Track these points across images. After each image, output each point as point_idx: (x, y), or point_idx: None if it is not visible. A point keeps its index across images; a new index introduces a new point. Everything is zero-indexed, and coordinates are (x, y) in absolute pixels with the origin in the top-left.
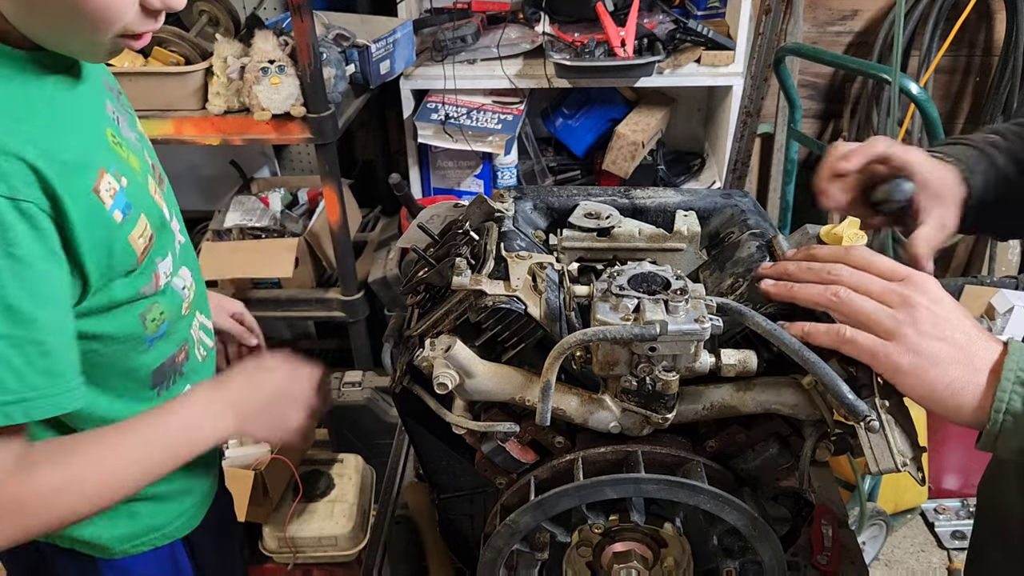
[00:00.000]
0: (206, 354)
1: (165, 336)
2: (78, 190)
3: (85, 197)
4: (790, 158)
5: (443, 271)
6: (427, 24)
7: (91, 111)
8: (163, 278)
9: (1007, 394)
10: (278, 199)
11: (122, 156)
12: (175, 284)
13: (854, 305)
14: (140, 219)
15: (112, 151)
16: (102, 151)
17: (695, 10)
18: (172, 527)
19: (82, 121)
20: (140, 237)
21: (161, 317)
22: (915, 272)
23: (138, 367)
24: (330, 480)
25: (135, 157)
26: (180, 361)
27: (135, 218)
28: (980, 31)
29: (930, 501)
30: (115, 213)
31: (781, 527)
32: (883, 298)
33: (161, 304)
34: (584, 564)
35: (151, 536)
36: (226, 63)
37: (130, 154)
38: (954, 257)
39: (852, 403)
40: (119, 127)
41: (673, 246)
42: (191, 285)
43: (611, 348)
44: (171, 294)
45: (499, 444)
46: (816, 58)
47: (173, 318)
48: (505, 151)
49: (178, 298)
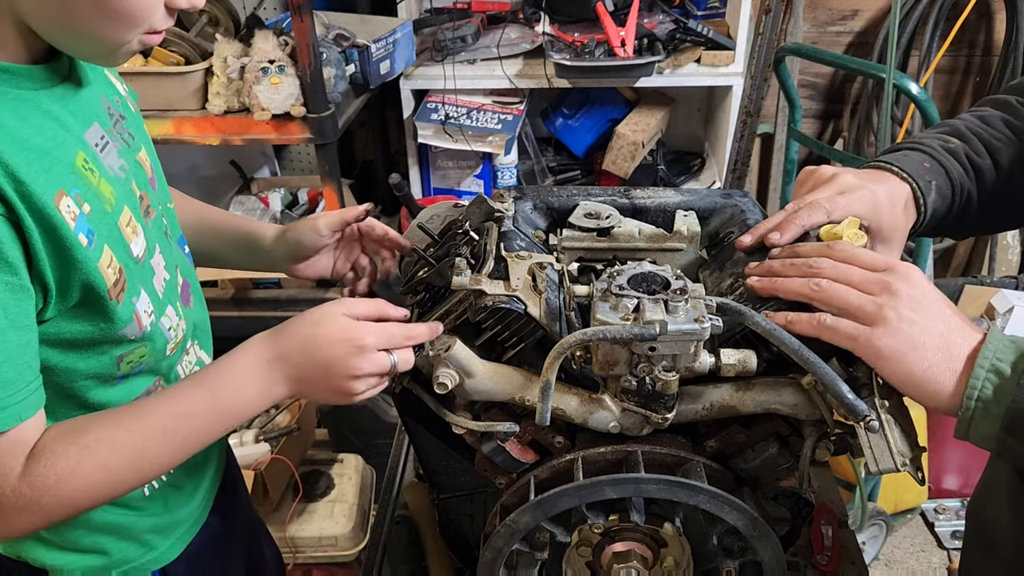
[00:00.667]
0: None
1: (142, 373)
2: (33, 200)
3: (42, 208)
4: (790, 158)
5: (443, 271)
6: (427, 24)
7: (67, 125)
8: (146, 319)
9: (980, 381)
10: (278, 199)
11: (91, 182)
12: (162, 324)
13: (834, 294)
14: (105, 251)
15: (78, 174)
16: (66, 170)
17: (695, 10)
18: (145, 559)
19: (51, 134)
20: (109, 267)
21: (140, 360)
22: (898, 262)
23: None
24: (330, 480)
25: (111, 187)
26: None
27: (99, 247)
28: (980, 31)
29: (930, 501)
30: (80, 235)
31: (781, 527)
32: (864, 287)
33: (145, 348)
34: (584, 564)
35: (121, 570)
36: (226, 63)
37: (103, 182)
38: (954, 257)
39: (852, 403)
40: (98, 153)
41: (673, 246)
42: (178, 324)
43: (611, 348)
44: (157, 337)
45: (499, 444)
46: (816, 58)
47: (156, 359)
48: (505, 151)
49: (163, 340)
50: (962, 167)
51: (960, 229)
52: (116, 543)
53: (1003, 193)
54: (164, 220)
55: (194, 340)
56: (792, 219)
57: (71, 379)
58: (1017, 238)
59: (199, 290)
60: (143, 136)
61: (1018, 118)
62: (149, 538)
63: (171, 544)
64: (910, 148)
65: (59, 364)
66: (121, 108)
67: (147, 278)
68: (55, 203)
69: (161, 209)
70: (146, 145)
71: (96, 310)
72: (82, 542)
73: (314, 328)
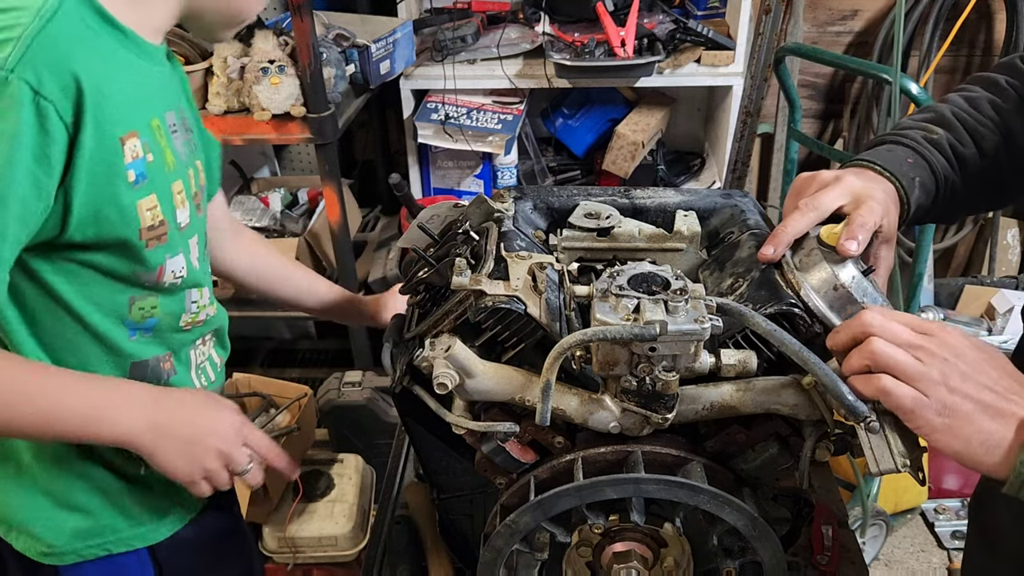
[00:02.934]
0: (206, 384)
1: (152, 334)
2: (105, 127)
3: (109, 137)
4: (790, 158)
5: (443, 271)
6: (427, 24)
7: (155, 94)
8: (169, 276)
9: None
10: (278, 199)
11: (160, 142)
12: (190, 295)
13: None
14: (152, 197)
15: (151, 129)
16: (144, 120)
17: (695, 10)
18: (130, 534)
19: (143, 92)
20: (149, 211)
21: (152, 312)
22: (936, 326)
23: (118, 348)
24: (330, 480)
25: (174, 158)
26: (165, 369)
27: (147, 190)
28: (980, 31)
29: (930, 501)
30: (129, 172)
31: (781, 527)
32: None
33: (157, 300)
34: (584, 564)
35: (105, 540)
36: (226, 63)
37: (168, 150)
38: (954, 257)
39: (852, 404)
40: (170, 130)
41: (673, 246)
42: (204, 307)
43: (611, 348)
44: (176, 299)
45: (499, 444)
46: (816, 58)
47: (166, 323)
48: (505, 151)
49: (180, 307)
50: (946, 159)
51: (944, 217)
52: (104, 508)
53: (987, 177)
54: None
55: (214, 337)
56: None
57: (87, 308)
58: (1017, 238)
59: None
60: (201, 155)
61: (1006, 100)
62: (139, 513)
63: (161, 526)
64: (893, 142)
65: (81, 290)
66: (190, 123)
67: (188, 250)
68: (123, 136)
69: (203, 217)
70: (202, 160)
71: (125, 247)
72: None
73: (209, 398)
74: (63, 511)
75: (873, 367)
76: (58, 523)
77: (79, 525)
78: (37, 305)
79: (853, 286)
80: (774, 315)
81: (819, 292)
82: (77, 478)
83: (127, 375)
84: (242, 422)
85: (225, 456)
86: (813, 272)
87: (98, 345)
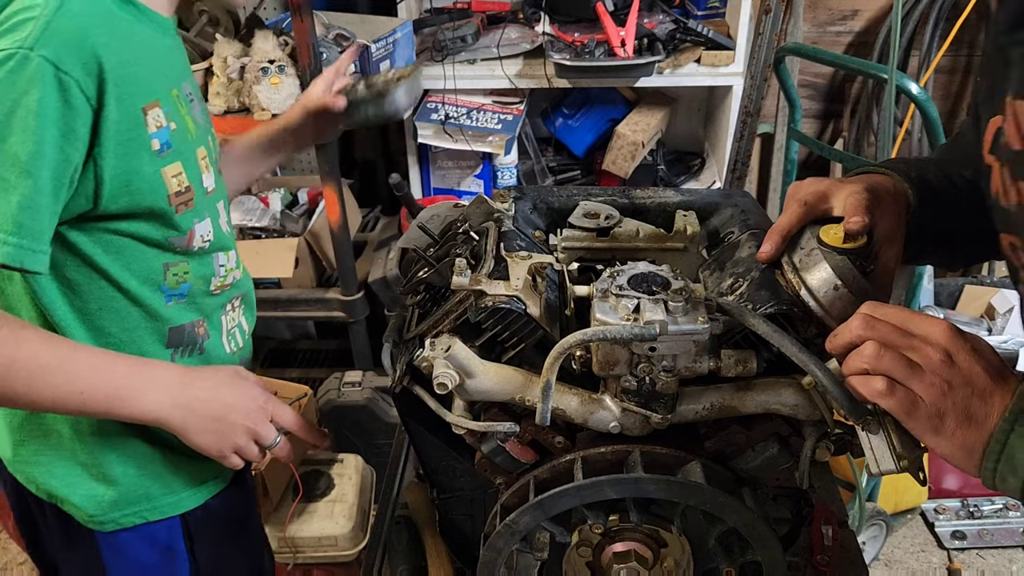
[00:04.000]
0: (235, 351)
1: (186, 300)
2: (127, 99)
3: (131, 108)
4: (790, 158)
5: (443, 271)
6: (427, 24)
7: (171, 66)
8: (198, 240)
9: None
10: (278, 199)
11: (180, 111)
12: (217, 259)
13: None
14: (177, 164)
15: (171, 99)
16: (164, 91)
17: (695, 10)
18: (164, 502)
19: (161, 64)
20: (174, 178)
21: (184, 276)
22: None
23: (156, 314)
24: (330, 480)
25: (195, 126)
26: (199, 334)
27: (172, 158)
28: (980, 31)
29: (930, 501)
30: (153, 141)
31: (781, 527)
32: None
33: (189, 265)
34: (584, 564)
35: (141, 508)
36: (226, 63)
37: (189, 119)
38: None
39: (851, 405)
40: (188, 99)
41: (673, 246)
42: (231, 270)
43: (611, 348)
44: (205, 263)
45: (499, 444)
46: (816, 58)
47: (198, 288)
48: (505, 151)
49: (210, 271)
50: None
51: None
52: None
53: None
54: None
55: (243, 304)
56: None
57: (125, 275)
58: None
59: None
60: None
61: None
62: (173, 481)
63: (196, 493)
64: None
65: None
66: (195, 95)
67: (215, 214)
68: (146, 106)
69: (223, 181)
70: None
71: (156, 215)
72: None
73: (235, 375)
74: (101, 484)
75: (871, 370)
76: (97, 495)
77: (116, 496)
78: (78, 276)
79: (853, 286)
80: (774, 315)
81: (819, 292)
82: (113, 450)
83: (166, 340)
84: (267, 397)
85: (252, 431)
86: (813, 272)
87: (139, 311)
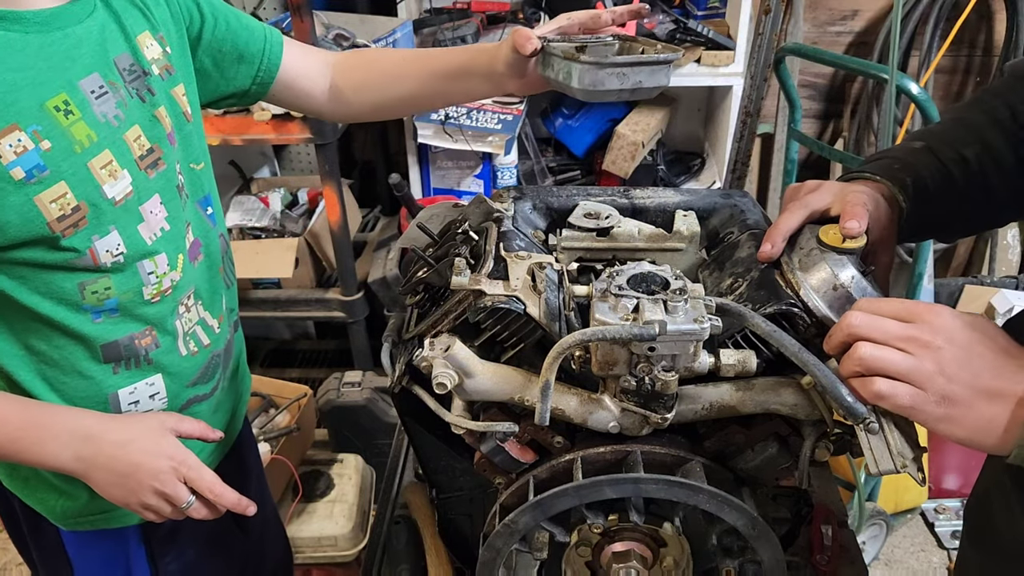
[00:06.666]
0: (198, 350)
1: (120, 314)
2: None
3: None
4: (790, 158)
5: (442, 271)
6: (427, 24)
7: (49, 68)
8: (104, 256)
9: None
10: (278, 199)
11: (59, 122)
12: (143, 267)
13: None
14: (57, 186)
15: (45, 113)
16: (27, 109)
17: (695, 10)
18: (118, 513)
19: (26, 75)
20: (54, 203)
21: (107, 293)
22: (923, 307)
23: (80, 334)
24: (330, 480)
25: (92, 131)
26: (143, 345)
27: (50, 181)
28: (980, 31)
29: (930, 501)
30: (14, 170)
31: (781, 527)
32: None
33: (110, 280)
34: (583, 564)
35: (95, 518)
36: None
37: (81, 125)
38: (954, 257)
39: (851, 405)
40: (90, 98)
41: (673, 246)
42: (165, 274)
43: (610, 348)
44: (128, 275)
45: (498, 444)
46: (816, 58)
47: (130, 300)
48: (505, 151)
49: (137, 281)
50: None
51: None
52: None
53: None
54: (180, 177)
55: (197, 300)
56: (781, 229)
57: (34, 299)
58: (1017, 238)
59: (217, 256)
60: (169, 100)
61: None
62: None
63: None
64: (877, 158)
65: (24, 284)
66: (144, 66)
67: (129, 222)
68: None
69: (178, 167)
70: (168, 106)
71: (42, 241)
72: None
73: (155, 429)
74: (53, 493)
75: (865, 372)
76: (50, 503)
77: (70, 504)
78: None
79: (853, 286)
80: (773, 315)
81: (819, 292)
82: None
83: (100, 357)
84: (182, 458)
85: (161, 493)
86: (813, 272)
87: (59, 333)
